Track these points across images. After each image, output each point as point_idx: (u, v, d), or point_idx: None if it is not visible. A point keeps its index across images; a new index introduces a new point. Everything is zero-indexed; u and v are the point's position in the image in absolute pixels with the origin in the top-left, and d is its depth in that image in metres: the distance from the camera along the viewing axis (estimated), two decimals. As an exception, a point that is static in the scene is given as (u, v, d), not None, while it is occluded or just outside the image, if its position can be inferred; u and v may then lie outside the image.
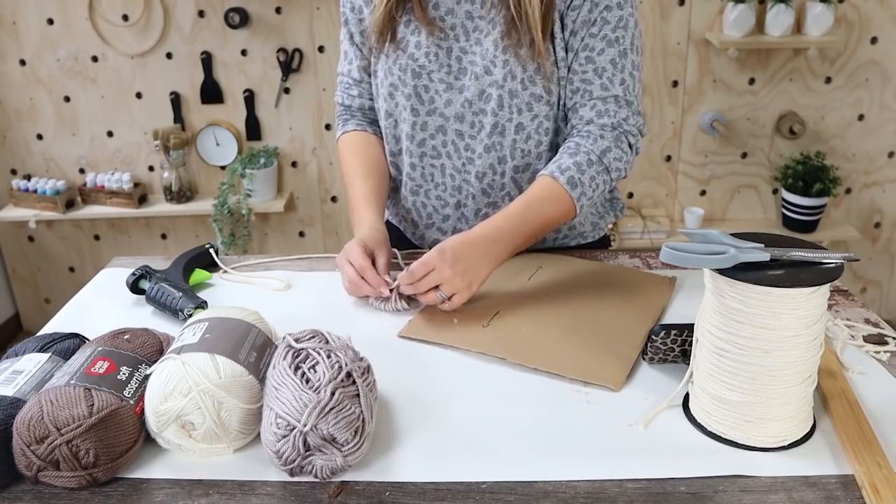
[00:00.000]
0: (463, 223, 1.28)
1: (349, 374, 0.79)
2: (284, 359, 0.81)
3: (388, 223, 1.45)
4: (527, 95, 1.16)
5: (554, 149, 1.23)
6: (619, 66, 1.15)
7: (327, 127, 2.77)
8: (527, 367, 0.95)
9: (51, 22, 2.64)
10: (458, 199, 1.26)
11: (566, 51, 1.16)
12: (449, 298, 1.05)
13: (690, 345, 0.88)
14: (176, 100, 2.73)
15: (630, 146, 1.18)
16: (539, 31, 1.12)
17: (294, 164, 2.84)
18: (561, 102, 1.20)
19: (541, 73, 1.15)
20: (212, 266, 1.24)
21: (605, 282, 1.17)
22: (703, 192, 2.86)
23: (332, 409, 0.75)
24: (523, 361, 0.95)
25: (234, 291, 1.18)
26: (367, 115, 1.33)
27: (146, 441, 0.81)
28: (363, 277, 1.09)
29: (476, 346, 0.99)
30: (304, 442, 0.75)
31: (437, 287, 1.05)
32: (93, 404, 0.76)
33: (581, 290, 1.14)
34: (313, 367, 0.79)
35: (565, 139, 1.21)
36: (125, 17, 2.63)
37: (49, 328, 1.06)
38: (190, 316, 1.04)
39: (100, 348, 0.84)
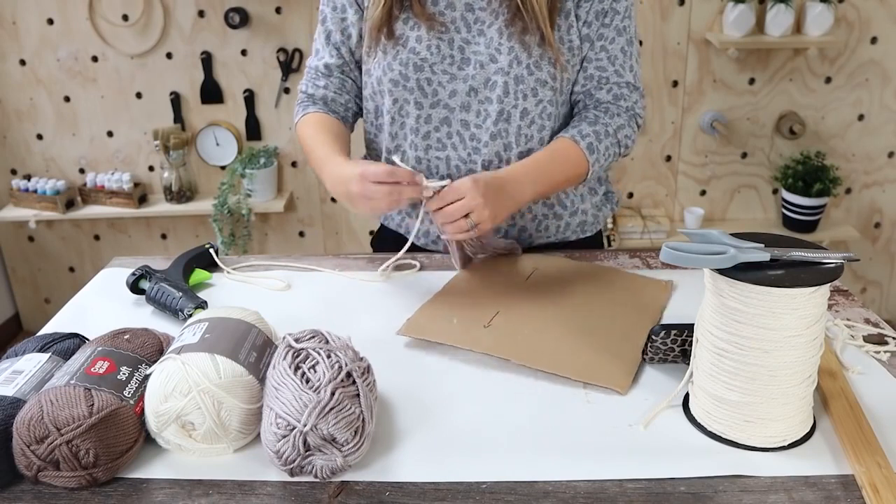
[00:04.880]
0: None
1: (349, 374, 0.79)
2: (284, 359, 0.81)
3: (382, 228, 1.43)
4: (532, 80, 1.18)
5: (556, 135, 1.24)
6: (627, 54, 1.23)
7: (327, 127, 2.76)
8: (527, 368, 0.95)
9: (51, 22, 2.64)
10: None
11: (580, 40, 1.20)
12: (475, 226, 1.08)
13: (690, 345, 0.88)
14: (176, 100, 2.73)
15: (637, 126, 1.28)
16: (547, 23, 1.15)
17: (294, 164, 2.84)
18: (565, 88, 1.23)
19: (546, 59, 1.18)
20: (212, 266, 1.24)
21: (603, 284, 1.17)
22: (703, 192, 2.86)
23: (332, 409, 0.75)
24: (528, 363, 0.94)
25: (234, 291, 1.18)
26: (329, 106, 1.30)
27: (146, 441, 0.81)
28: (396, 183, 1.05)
29: (479, 346, 0.98)
30: (304, 442, 0.75)
31: (465, 216, 1.06)
32: (93, 404, 0.76)
33: (580, 291, 1.14)
34: (313, 367, 0.79)
35: (580, 111, 1.26)
36: (125, 17, 2.63)
37: (49, 328, 1.06)
38: (190, 316, 1.04)
39: (100, 348, 0.84)
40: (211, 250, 1.25)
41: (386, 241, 1.41)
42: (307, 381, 0.78)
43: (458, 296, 1.12)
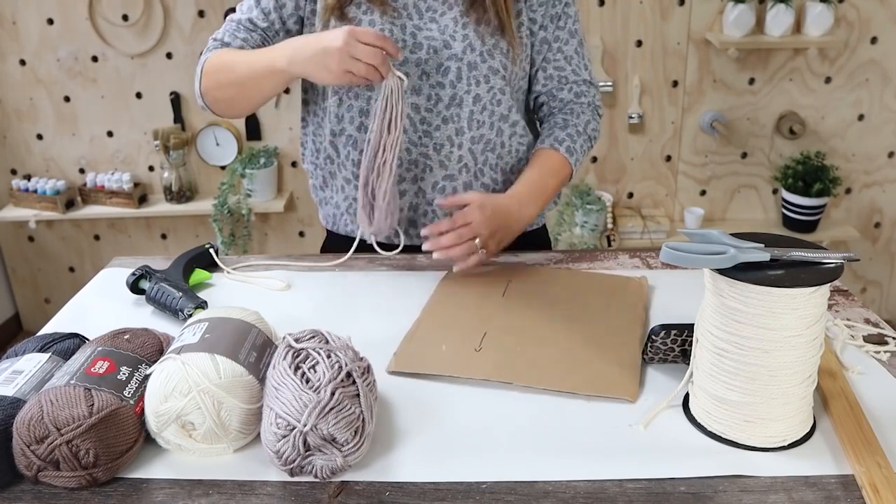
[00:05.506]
0: (420, 197, 1.29)
1: (349, 374, 0.79)
2: (284, 359, 0.81)
3: (331, 234, 1.41)
4: (485, 68, 1.23)
5: (505, 120, 1.28)
6: (580, 54, 1.33)
7: (327, 127, 2.77)
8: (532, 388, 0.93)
9: (51, 22, 2.64)
10: (415, 172, 1.27)
11: (530, 39, 1.27)
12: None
13: (690, 345, 0.88)
14: (176, 100, 2.73)
15: (599, 116, 1.38)
16: (504, 10, 1.21)
17: (294, 164, 2.84)
18: (513, 81, 1.28)
19: (499, 49, 1.23)
20: (212, 266, 1.24)
21: (580, 289, 1.15)
22: (703, 192, 2.86)
23: (332, 409, 0.75)
24: (531, 383, 0.92)
25: (234, 291, 1.18)
26: None
27: (146, 441, 0.81)
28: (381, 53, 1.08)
29: (478, 372, 0.94)
30: (304, 442, 0.75)
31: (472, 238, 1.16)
32: (93, 404, 0.76)
33: (561, 299, 1.12)
34: (313, 367, 0.79)
35: (547, 116, 1.34)
36: (125, 17, 2.63)
37: (49, 328, 1.06)
38: (190, 316, 1.04)
39: (100, 348, 0.84)
40: (211, 250, 1.25)
41: (336, 244, 1.38)
42: (307, 381, 0.78)
43: (440, 321, 1.07)
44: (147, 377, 0.82)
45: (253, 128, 2.77)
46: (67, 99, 2.74)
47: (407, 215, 1.31)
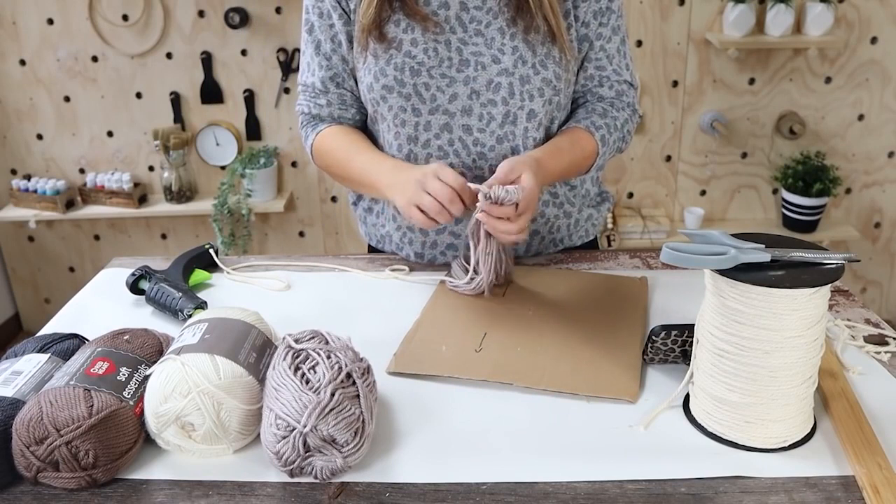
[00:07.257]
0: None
1: (349, 375, 0.79)
2: (284, 359, 0.81)
3: (372, 249, 1.39)
4: (538, 80, 1.15)
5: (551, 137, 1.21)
6: (622, 53, 1.24)
7: (327, 127, 2.76)
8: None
9: (51, 22, 2.64)
10: None
11: (577, 41, 1.19)
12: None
13: (691, 345, 0.88)
14: (176, 100, 2.73)
15: (636, 122, 1.29)
16: (552, 15, 1.13)
17: (294, 164, 2.84)
18: (566, 90, 1.20)
19: (551, 58, 1.15)
20: (212, 266, 1.24)
21: (581, 289, 1.15)
22: (703, 192, 2.86)
23: (331, 409, 0.75)
24: (531, 384, 0.92)
25: (234, 291, 1.18)
26: (338, 123, 1.25)
27: (146, 442, 0.81)
28: (452, 198, 1.04)
29: (478, 373, 0.94)
30: (304, 443, 0.75)
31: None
32: (92, 405, 0.76)
33: (560, 300, 1.11)
34: (313, 367, 0.79)
35: (585, 106, 1.25)
36: (125, 17, 2.63)
37: (49, 328, 1.06)
38: (190, 316, 1.04)
39: (99, 349, 0.84)
40: (211, 250, 1.25)
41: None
42: (307, 382, 0.78)
43: (440, 321, 1.07)
44: (147, 378, 0.82)
45: (253, 128, 2.77)
46: (67, 99, 2.74)
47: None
